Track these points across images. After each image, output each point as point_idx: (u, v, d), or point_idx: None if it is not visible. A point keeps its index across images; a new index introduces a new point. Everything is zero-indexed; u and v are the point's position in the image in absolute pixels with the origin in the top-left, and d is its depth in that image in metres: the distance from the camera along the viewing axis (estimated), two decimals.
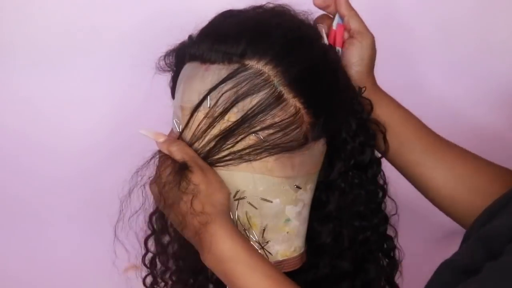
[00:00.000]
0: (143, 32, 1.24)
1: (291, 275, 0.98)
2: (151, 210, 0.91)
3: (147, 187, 0.88)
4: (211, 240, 0.83)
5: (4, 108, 1.29)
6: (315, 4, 0.99)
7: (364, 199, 0.98)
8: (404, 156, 0.98)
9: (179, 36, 0.93)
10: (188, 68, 0.90)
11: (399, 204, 1.03)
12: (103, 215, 0.90)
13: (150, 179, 0.88)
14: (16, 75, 1.26)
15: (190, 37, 0.92)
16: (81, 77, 1.26)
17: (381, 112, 0.98)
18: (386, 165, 1.01)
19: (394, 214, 1.05)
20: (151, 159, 0.89)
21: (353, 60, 0.96)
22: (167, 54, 0.94)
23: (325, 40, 0.94)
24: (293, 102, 0.85)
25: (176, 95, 0.91)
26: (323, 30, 0.95)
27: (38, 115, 1.30)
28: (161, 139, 0.89)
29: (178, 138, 0.90)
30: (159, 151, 0.90)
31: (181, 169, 0.85)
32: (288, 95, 0.85)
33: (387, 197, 1.02)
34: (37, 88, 1.28)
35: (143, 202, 0.88)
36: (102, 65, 1.25)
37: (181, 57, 0.92)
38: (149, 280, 1.00)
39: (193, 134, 0.88)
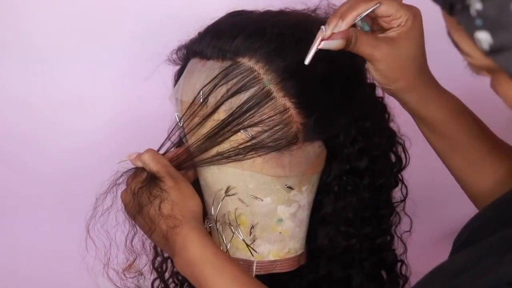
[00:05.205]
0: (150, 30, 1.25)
1: (290, 276, 0.99)
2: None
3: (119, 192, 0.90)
4: (181, 243, 0.84)
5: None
6: None
7: (355, 206, 0.96)
8: (453, 160, 0.92)
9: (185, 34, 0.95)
10: (190, 64, 0.92)
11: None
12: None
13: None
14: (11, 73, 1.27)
15: (198, 33, 0.93)
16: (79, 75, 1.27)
17: (438, 114, 0.88)
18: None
19: (407, 231, 1.03)
20: (133, 168, 0.90)
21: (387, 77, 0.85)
22: (179, 49, 0.96)
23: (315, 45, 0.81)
24: (282, 101, 0.86)
25: (177, 87, 0.93)
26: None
27: (36, 114, 1.31)
28: (133, 156, 0.91)
29: (179, 132, 0.92)
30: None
31: (152, 178, 0.87)
32: (277, 93, 0.85)
33: (403, 213, 1.01)
34: (34, 87, 1.29)
35: (113, 201, 0.89)
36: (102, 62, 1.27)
37: (187, 52, 0.94)
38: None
39: (188, 128, 0.89)
